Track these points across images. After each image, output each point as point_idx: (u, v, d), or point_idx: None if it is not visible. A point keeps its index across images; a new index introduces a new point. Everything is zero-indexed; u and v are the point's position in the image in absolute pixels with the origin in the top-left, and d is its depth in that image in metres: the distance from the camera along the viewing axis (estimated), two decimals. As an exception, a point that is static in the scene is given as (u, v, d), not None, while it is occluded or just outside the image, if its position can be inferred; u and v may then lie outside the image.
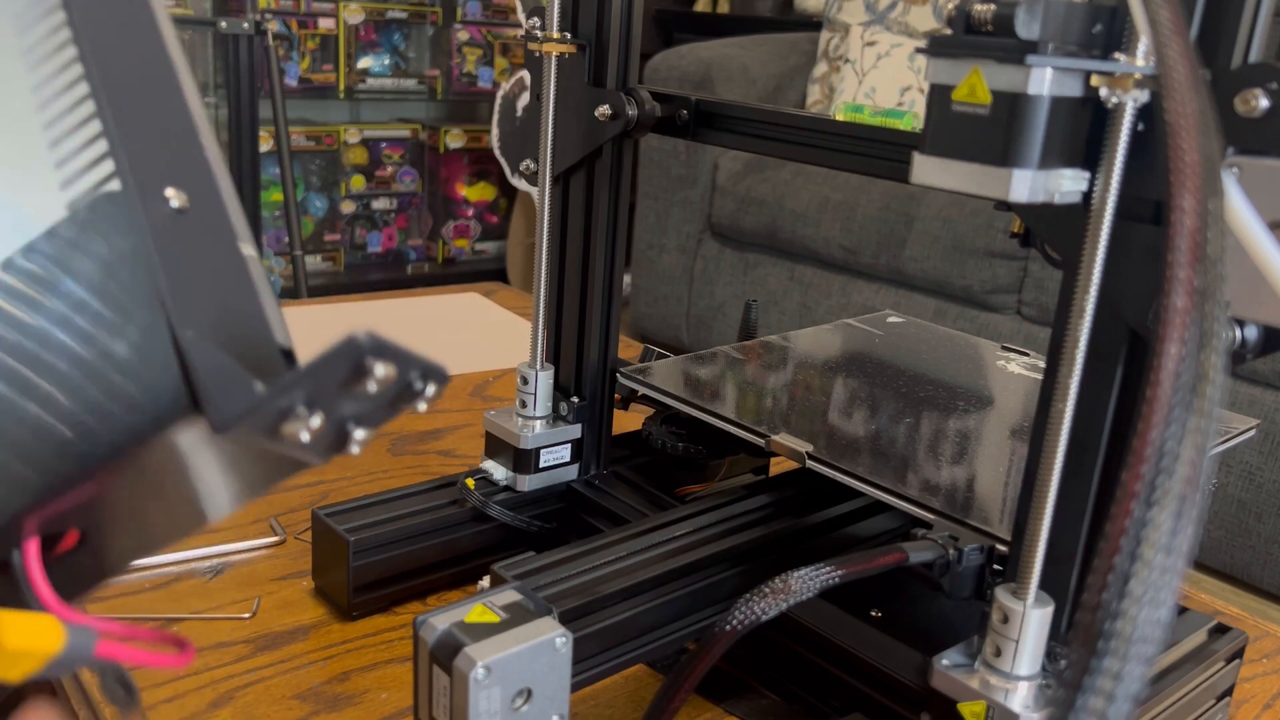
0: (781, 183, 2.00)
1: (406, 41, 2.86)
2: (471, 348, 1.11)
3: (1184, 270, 0.23)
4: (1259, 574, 1.47)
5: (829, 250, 1.93)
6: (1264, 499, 1.44)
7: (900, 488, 0.54)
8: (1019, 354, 0.77)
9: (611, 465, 0.68)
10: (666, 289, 2.27)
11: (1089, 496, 0.42)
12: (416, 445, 0.84)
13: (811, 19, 2.67)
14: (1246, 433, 0.61)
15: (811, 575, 0.42)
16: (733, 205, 2.08)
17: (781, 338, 0.79)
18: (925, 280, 1.81)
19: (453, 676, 0.41)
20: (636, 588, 0.51)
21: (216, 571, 0.63)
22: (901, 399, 0.67)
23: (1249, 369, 1.47)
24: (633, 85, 0.61)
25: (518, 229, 2.97)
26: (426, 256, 2.98)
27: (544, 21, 0.60)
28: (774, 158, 0.61)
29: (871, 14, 2.14)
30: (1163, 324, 0.23)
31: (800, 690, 0.53)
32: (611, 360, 0.67)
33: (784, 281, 2.03)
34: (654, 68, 2.21)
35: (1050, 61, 0.35)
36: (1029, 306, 1.71)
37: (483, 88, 2.92)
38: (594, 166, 0.63)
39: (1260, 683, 0.61)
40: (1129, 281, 0.39)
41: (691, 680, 0.44)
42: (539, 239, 0.63)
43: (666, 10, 3.15)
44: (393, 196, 2.89)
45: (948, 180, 0.37)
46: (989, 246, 1.71)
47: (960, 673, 0.44)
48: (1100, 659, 0.20)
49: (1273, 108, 0.35)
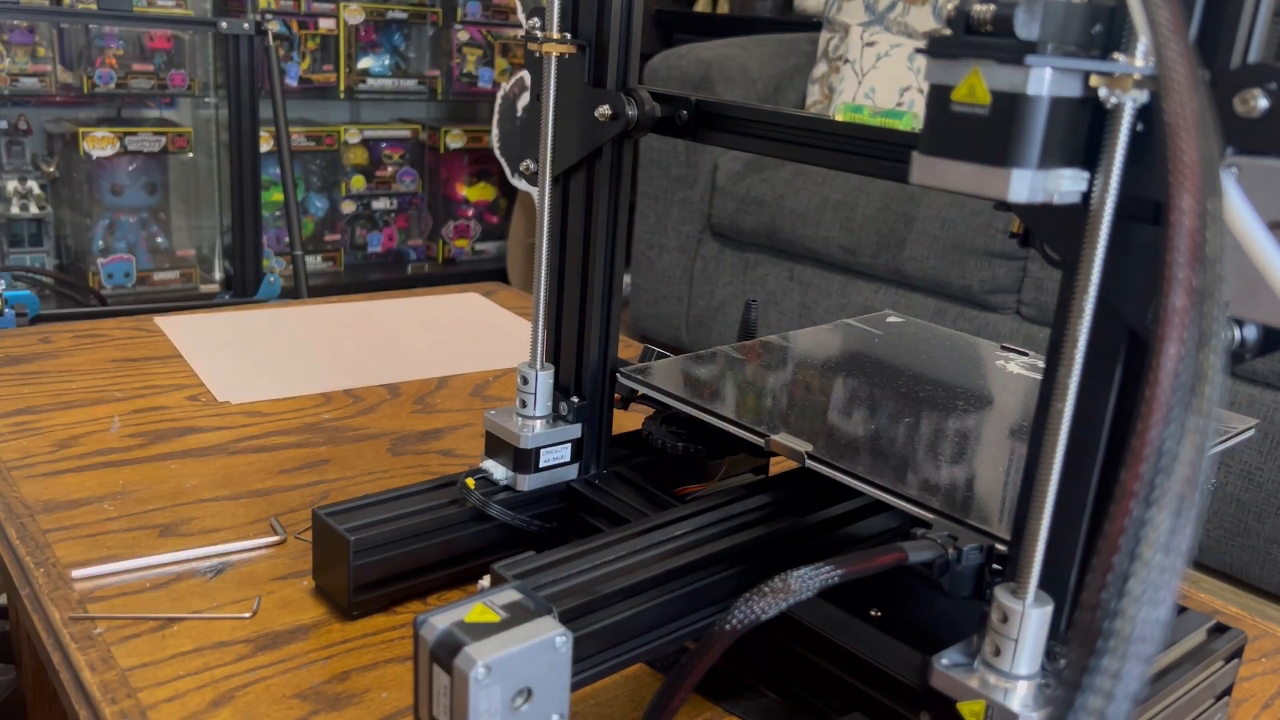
0: (781, 183, 2.00)
1: (407, 42, 2.86)
2: (471, 348, 1.11)
3: (1183, 270, 0.23)
4: (1258, 574, 1.47)
5: (829, 250, 1.93)
6: (1263, 499, 1.44)
7: (900, 487, 0.54)
8: (1018, 354, 0.77)
9: (611, 465, 0.68)
10: (666, 289, 2.27)
11: (1088, 496, 0.42)
12: (416, 445, 0.84)
13: (811, 19, 2.68)
14: (1246, 433, 0.61)
15: (811, 575, 0.42)
16: (733, 205, 2.08)
17: (781, 338, 0.79)
18: (925, 280, 1.81)
19: (453, 676, 0.41)
20: (636, 587, 0.51)
21: (217, 571, 0.63)
22: (901, 399, 0.67)
23: (1248, 369, 1.47)
24: (633, 85, 0.61)
25: (518, 229, 2.97)
26: (426, 256, 2.98)
27: (544, 22, 0.60)
28: (774, 158, 0.61)
29: (871, 14, 2.14)
30: (1162, 324, 0.23)
31: (800, 690, 0.53)
32: (611, 360, 0.67)
33: (784, 281, 2.03)
34: (654, 68, 2.21)
35: (1050, 62, 0.35)
36: (1028, 306, 1.71)
37: (483, 88, 2.92)
38: (594, 166, 0.63)
39: (1259, 682, 0.61)
40: (1128, 281, 0.39)
41: (691, 680, 0.44)
42: (539, 239, 0.63)
43: (666, 10, 3.15)
44: (393, 196, 2.89)
45: (947, 180, 0.37)
46: (988, 246, 1.71)
47: (960, 672, 0.44)
48: (1099, 658, 0.20)
49: (1272, 108, 0.35)
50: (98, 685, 0.52)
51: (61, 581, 0.61)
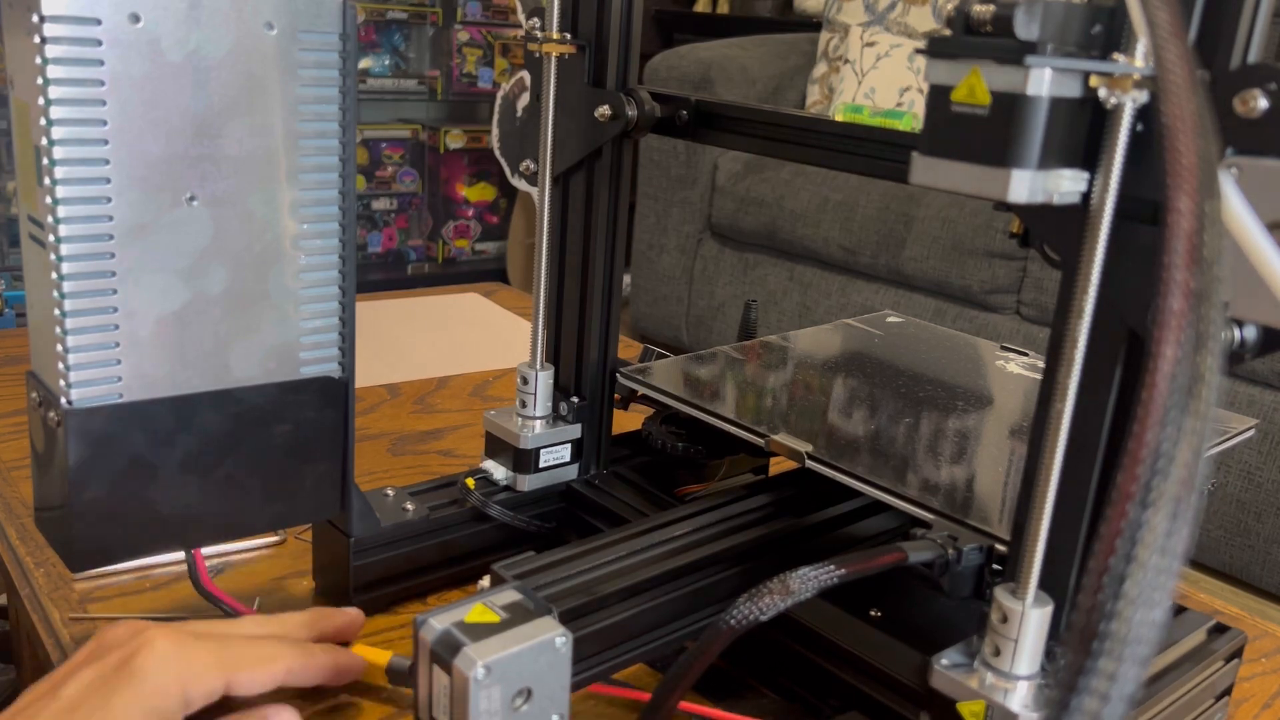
0: (781, 183, 2.00)
1: (406, 42, 2.86)
2: (471, 348, 1.11)
3: (1180, 272, 0.23)
4: (1258, 574, 1.47)
5: (828, 250, 1.93)
6: (1263, 499, 1.44)
7: (899, 487, 0.54)
8: (1018, 354, 0.77)
9: (611, 465, 0.68)
10: (666, 289, 2.27)
11: (1088, 496, 0.42)
12: (416, 445, 0.84)
13: (811, 19, 2.67)
14: (1245, 433, 0.61)
15: (811, 575, 0.42)
16: (732, 205, 2.08)
17: (781, 338, 0.79)
18: (925, 280, 1.81)
19: (453, 676, 0.41)
20: (636, 588, 0.51)
21: (217, 571, 0.63)
22: (901, 399, 0.67)
23: (1248, 369, 1.47)
24: (633, 86, 0.61)
25: (518, 229, 2.97)
26: (426, 256, 2.98)
27: (544, 22, 0.60)
28: (774, 158, 0.61)
29: (871, 14, 2.14)
30: (1159, 326, 0.23)
31: (799, 689, 0.53)
32: (611, 360, 0.67)
33: (784, 281, 2.03)
34: (654, 68, 2.21)
35: (1049, 62, 0.35)
36: (1028, 306, 1.71)
37: (483, 88, 2.92)
38: (594, 167, 0.63)
39: (1259, 682, 0.61)
40: (1128, 282, 0.39)
41: (689, 678, 0.44)
42: (539, 239, 0.63)
43: (666, 10, 3.15)
44: (393, 197, 2.89)
45: (947, 181, 0.37)
46: (988, 246, 1.71)
47: (959, 672, 0.44)
48: (1095, 660, 0.20)
49: (1272, 108, 0.35)
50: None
51: (61, 581, 0.61)
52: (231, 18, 0.46)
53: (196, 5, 0.45)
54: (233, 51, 0.47)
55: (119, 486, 0.48)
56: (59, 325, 0.45)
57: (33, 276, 0.47)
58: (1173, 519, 0.21)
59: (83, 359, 0.46)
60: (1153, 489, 0.21)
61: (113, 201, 0.45)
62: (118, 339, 0.46)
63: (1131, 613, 0.20)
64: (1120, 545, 0.21)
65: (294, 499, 0.54)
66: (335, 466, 0.55)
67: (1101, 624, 0.21)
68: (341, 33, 0.50)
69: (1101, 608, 0.21)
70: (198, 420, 0.49)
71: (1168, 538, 0.21)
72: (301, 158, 0.50)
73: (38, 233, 0.45)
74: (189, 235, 0.47)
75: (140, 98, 0.45)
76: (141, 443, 0.48)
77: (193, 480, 0.50)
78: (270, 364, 0.51)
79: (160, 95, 0.45)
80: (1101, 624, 0.21)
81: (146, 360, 0.47)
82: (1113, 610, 0.21)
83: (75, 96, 0.43)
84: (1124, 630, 0.20)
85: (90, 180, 0.44)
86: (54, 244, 0.44)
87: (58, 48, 0.42)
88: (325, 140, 0.50)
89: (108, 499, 0.47)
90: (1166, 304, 0.23)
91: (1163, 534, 0.21)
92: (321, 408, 0.53)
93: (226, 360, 0.50)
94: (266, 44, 0.47)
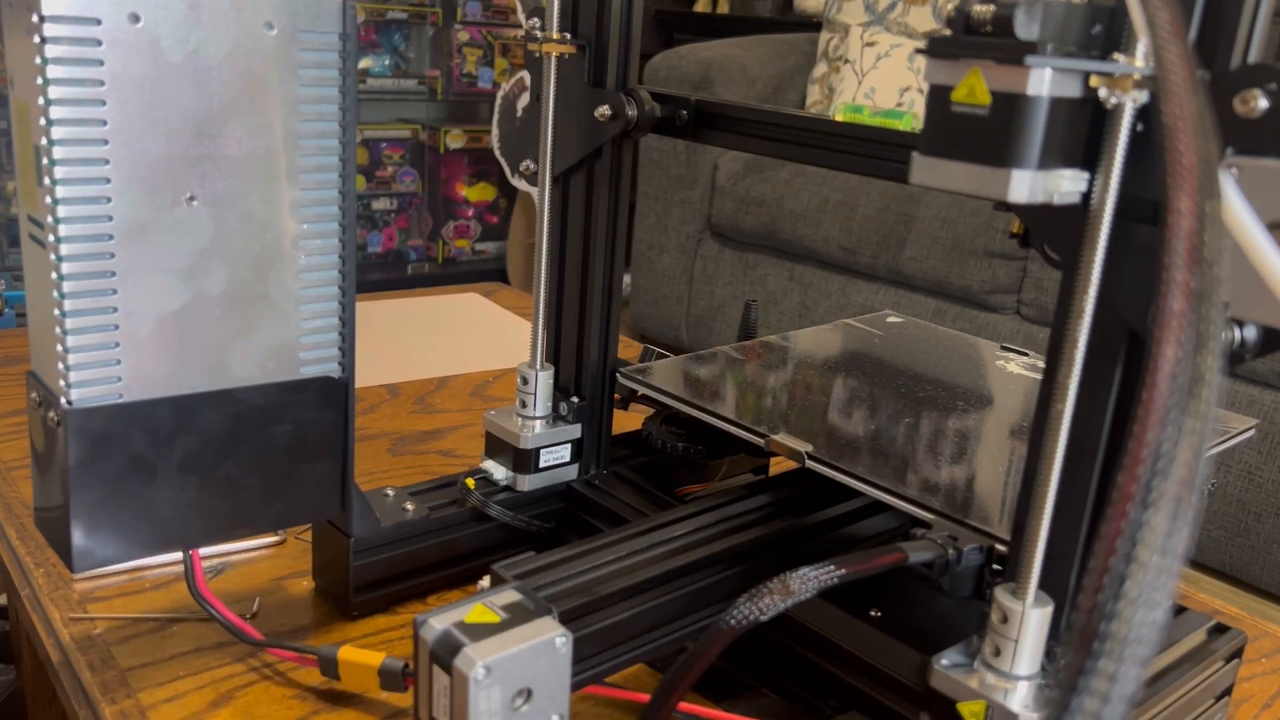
0: (781, 183, 2.00)
1: (406, 42, 2.86)
2: (471, 348, 1.11)
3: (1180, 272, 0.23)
4: (1258, 574, 1.47)
5: (828, 250, 1.93)
6: (1263, 499, 1.44)
7: (899, 487, 0.54)
8: (1018, 354, 0.77)
9: (611, 465, 0.68)
10: (666, 289, 2.27)
11: (1088, 496, 0.42)
12: (416, 445, 0.84)
13: (811, 19, 2.67)
14: (1245, 433, 0.61)
15: (811, 575, 0.42)
16: (732, 205, 2.08)
17: (781, 338, 0.79)
18: (925, 280, 1.81)
19: (453, 676, 0.41)
20: (636, 588, 0.51)
21: (217, 571, 0.63)
22: (901, 399, 0.67)
23: (1248, 369, 1.47)
24: (633, 86, 0.61)
25: (518, 229, 2.97)
26: (426, 257, 2.98)
27: (544, 22, 0.60)
28: (774, 158, 0.61)
29: (871, 14, 2.14)
30: (1159, 326, 0.23)
31: (799, 689, 0.53)
32: (611, 360, 0.67)
33: (783, 281, 2.03)
34: (654, 68, 2.21)
35: (1049, 62, 0.35)
36: (1028, 307, 1.71)
37: (483, 88, 2.92)
38: (594, 167, 0.63)
39: (1259, 682, 0.61)
40: (1128, 282, 0.39)
41: (689, 678, 0.44)
42: (539, 239, 0.63)
43: (666, 10, 3.15)
44: (393, 197, 2.89)
45: (947, 181, 0.37)
46: (988, 247, 1.71)
47: (959, 672, 0.44)
48: (1095, 660, 0.20)
49: (1272, 108, 0.35)
50: (97, 685, 0.52)
51: (61, 581, 0.61)
52: (231, 18, 0.46)
53: (196, 5, 0.45)
54: (233, 51, 0.47)
55: (119, 486, 0.48)
56: (59, 325, 0.45)
57: (33, 276, 0.47)
58: (1173, 519, 0.21)
59: (82, 359, 0.46)
60: (1153, 489, 0.21)
61: (113, 201, 0.45)
62: (117, 339, 0.46)
63: (1132, 613, 0.20)
64: (1120, 545, 0.21)
65: (294, 499, 0.54)
66: (335, 466, 0.55)
67: (1102, 624, 0.21)
68: (341, 33, 0.50)
69: (1102, 608, 0.21)
70: (198, 420, 0.49)
71: (1168, 538, 0.21)
72: (301, 158, 0.50)
73: (38, 233, 0.45)
74: (189, 235, 0.47)
75: (140, 98, 0.45)
76: (141, 443, 0.48)
77: (192, 480, 0.50)
78: (270, 364, 0.51)
79: (160, 95, 0.45)
80: (1102, 624, 0.21)
81: (146, 360, 0.47)
82: (1113, 610, 0.21)
83: (75, 96, 0.43)
84: (1124, 630, 0.20)
85: (90, 180, 0.44)
86: (54, 244, 0.44)
87: (58, 48, 0.42)
88: (325, 140, 0.50)
89: (108, 499, 0.47)
90: (1167, 304, 0.23)
91: (1163, 534, 0.21)
92: (321, 408, 0.53)
93: (226, 360, 0.50)
94: (266, 44, 0.47)
